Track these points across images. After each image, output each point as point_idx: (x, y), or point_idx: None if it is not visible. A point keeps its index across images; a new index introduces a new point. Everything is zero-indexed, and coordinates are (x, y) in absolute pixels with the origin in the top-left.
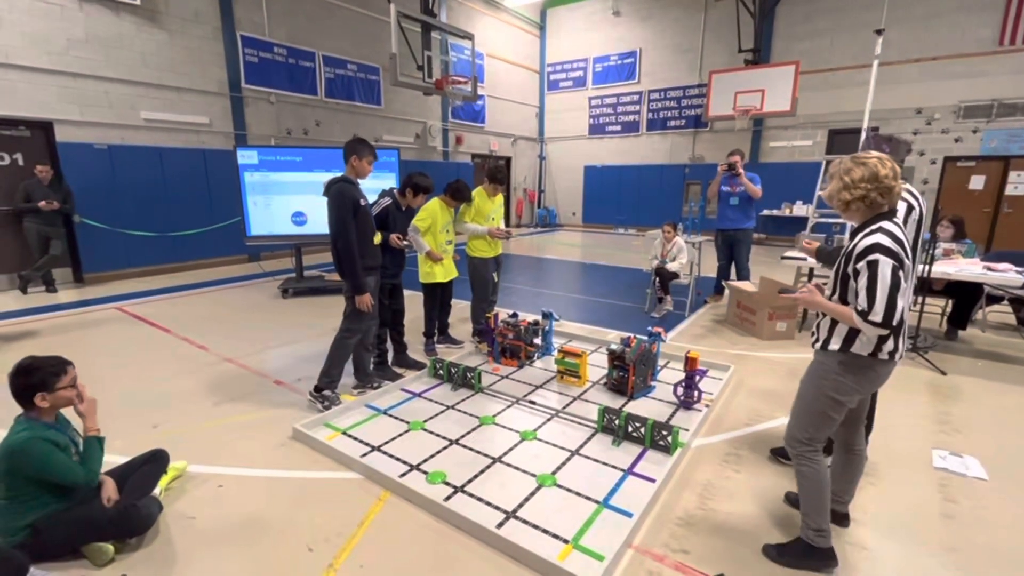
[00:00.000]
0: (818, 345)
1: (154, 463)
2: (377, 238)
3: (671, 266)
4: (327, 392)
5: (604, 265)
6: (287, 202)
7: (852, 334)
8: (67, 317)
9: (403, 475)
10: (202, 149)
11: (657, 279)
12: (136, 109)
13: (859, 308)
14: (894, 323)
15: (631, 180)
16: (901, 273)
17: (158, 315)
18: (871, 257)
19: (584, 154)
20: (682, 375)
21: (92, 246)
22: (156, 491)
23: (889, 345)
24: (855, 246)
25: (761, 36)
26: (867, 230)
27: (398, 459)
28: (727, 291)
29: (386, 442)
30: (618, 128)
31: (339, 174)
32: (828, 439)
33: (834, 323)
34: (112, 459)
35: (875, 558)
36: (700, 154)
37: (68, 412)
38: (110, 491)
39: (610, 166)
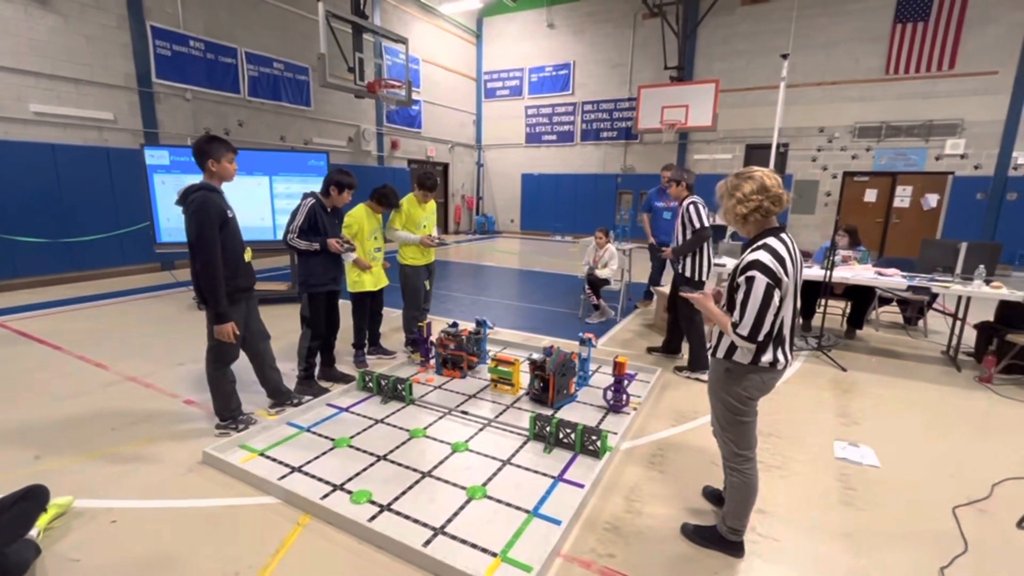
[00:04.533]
0: (711, 351)
1: (29, 501)
2: (248, 254)
3: (602, 273)
4: (238, 417)
5: (541, 272)
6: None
7: (735, 343)
8: None
9: (325, 496)
10: (105, 147)
11: (588, 286)
12: (23, 101)
13: (733, 320)
14: (759, 339)
15: (567, 188)
16: (776, 292)
17: (49, 331)
18: (749, 274)
19: (521, 162)
20: (611, 379)
21: None
22: (33, 533)
23: (768, 356)
24: (741, 261)
25: (685, 55)
26: (753, 246)
27: (320, 479)
28: (656, 297)
29: (308, 462)
30: (554, 137)
31: (197, 181)
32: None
33: (723, 331)
34: None
35: (783, 548)
36: (631, 164)
37: None
38: None
39: (547, 174)
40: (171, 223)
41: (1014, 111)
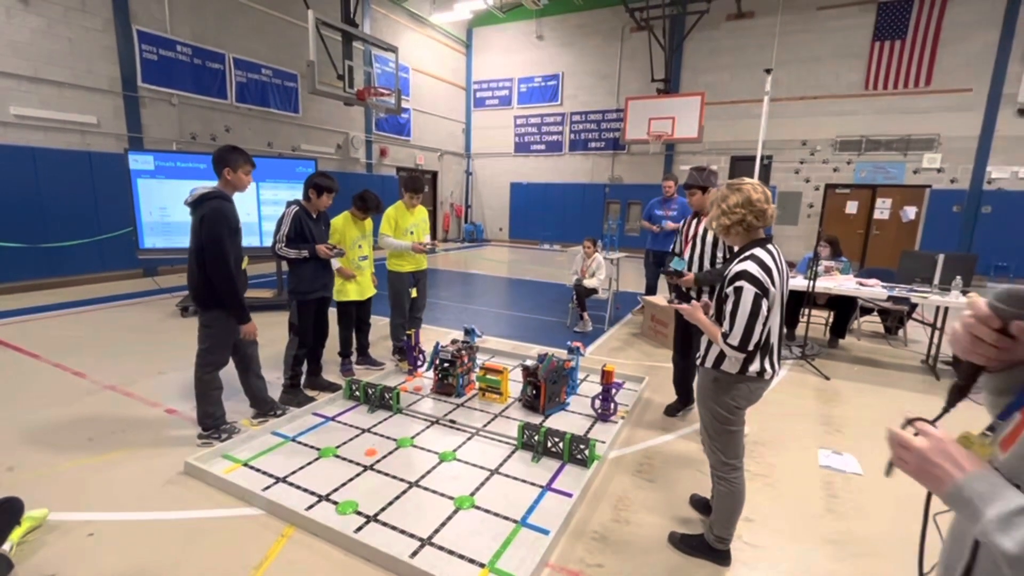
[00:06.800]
0: (699, 361)
1: (2, 514)
2: (244, 262)
3: (590, 282)
4: (221, 426)
5: (529, 280)
6: (187, 212)
7: (723, 353)
8: None
9: (310, 507)
10: (88, 151)
11: (575, 296)
12: (4, 103)
13: (722, 330)
14: (749, 348)
15: (555, 197)
16: (764, 301)
17: (25, 338)
18: (737, 284)
19: (510, 171)
20: (599, 388)
21: None
22: (6, 547)
23: (755, 366)
24: (729, 271)
25: (671, 68)
26: (741, 256)
27: (305, 490)
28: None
29: (293, 472)
30: (542, 147)
31: (210, 186)
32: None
33: (711, 341)
34: None
35: (769, 556)
36: (619, 175)
37: None
38: None
39: (535, 183)
40: (153, 217)
41: (987, 127)
